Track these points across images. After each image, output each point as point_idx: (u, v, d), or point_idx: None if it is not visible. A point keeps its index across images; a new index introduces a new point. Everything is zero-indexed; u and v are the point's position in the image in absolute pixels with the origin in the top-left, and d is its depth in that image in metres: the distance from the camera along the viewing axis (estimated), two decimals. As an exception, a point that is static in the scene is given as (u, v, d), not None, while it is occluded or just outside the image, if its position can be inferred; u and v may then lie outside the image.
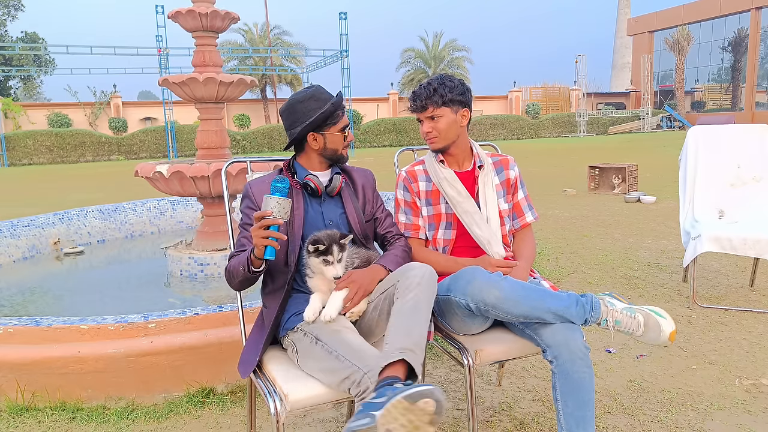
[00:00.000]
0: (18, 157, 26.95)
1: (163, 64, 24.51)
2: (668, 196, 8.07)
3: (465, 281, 1.81)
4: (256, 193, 1.90)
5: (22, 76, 38.01)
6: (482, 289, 1.75)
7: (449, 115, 2.08)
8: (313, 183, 1.90)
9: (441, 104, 2.06)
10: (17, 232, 5.12)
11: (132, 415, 2.37)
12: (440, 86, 2.06)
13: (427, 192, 2.17)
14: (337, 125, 1.93)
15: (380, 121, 33.21)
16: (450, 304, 1.87)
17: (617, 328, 1.80)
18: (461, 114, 2.11)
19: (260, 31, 37.00)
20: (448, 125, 2.09)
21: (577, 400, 1.73)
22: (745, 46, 39.19)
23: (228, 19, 4.29)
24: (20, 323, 2.46)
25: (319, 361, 1.67)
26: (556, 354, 1.74)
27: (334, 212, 1.95)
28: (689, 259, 3.46)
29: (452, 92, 2.06)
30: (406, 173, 2.20)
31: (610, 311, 1.80)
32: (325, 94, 1.93)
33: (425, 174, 2.18)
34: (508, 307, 1.74)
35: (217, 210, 4.43)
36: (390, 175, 2.45)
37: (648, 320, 1.79)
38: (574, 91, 41.22)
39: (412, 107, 2.15)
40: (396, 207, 2.21)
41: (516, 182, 2.23)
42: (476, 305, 1.77)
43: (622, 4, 55.47)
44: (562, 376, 1.73)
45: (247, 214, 1.89)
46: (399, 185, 2.20)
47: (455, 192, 2.11)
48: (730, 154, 3.84)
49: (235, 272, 1.79)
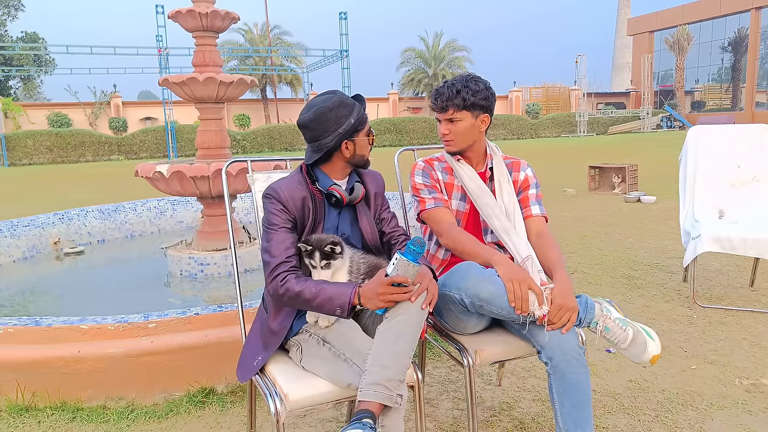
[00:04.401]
0: (18, 157, 26.93)
1: (163, 64, 24.51)
2: (668, 196, 8.07)
3: (459, 276, 1.80)
4: (290, 198, 1.77)
5: (22, 76, 38.00)
6: (476, 284, 1.75)
7: (468, 120, 2.02)
8: (338, 193, 1.81)
9: (462, 108, 2.00)
10: (17, 232, 5.12)
11: (132, 415, 2.37)
12: (464, 89, 1.99)
13: (444, 183, 2.13)
14: (365, 129, 1.86)
15: (380, 121, 33.18)
16: (446, 301, 1.86)
17: (605, 334, 1.81)
18: (481, 119, 2.04)
19: (260, 31, 36.99)
20: (465, 130, 2.03)
21: (574, 400, 1.73)
22: (745, 46, 39.18)
23: (228, 19, 4.29)
24: (20, 323, 2.46)
25: (326, 362, 1.68)
26: (551, 355, 1.74)
27: (349, 224, 1.90)
28: (689, 259, 3.46)
29: (475, 96, 1.99)
30: (424, 162, 2.16)
31: (604, 316, 1.81)
32: (348, 99, 1.84)
33: (444, 168, 2.15)
34: (502, 302, 1.73)
35: (217, 210, 4.43)
36: (390, 175, 2.44)
37: (637, 337, 1.79)
38: (574, 91, 41.21)
39: (432, 105, 2.09)
40: (415, 191, 2.12)
41: (527, 181, 2.17)
42: (470, 300, 1.76)
43: (622, 4, 55.47)
44: (557, 376, 1.74)
45: (278, 216, 1.76)
46: (416, 172, 2.14)
47: (475, 185, 2.07)
48: (730, 154, 3.83)
49: (317, 304, 1.65)
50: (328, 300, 1.63)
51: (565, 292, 1.77)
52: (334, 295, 1.63)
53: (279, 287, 1.68)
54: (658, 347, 1.80)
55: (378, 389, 1.53)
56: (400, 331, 1.60)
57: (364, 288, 1.63)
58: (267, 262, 1.73)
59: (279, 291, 1.68)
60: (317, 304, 1.65)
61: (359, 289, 1.64)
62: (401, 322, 1.61)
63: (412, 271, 1.59)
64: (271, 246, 1.73)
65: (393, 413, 1.57)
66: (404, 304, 1.62)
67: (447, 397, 2.49)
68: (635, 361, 1.82)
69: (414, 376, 1.72)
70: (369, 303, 1.61)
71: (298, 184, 1.82)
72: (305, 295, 1.65)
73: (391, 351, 1.58)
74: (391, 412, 1.56)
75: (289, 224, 1.76)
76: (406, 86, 39.90)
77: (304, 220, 1.80)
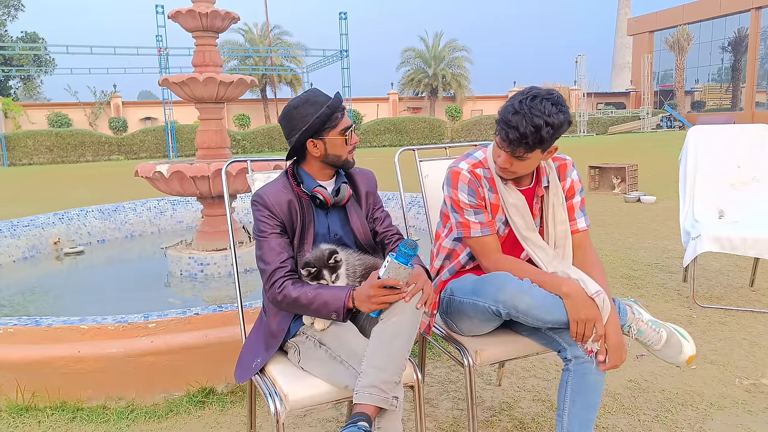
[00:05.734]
0: (18, 157, 26.94)
1: (163, 64, 24.52)
2: (668, 196, 8.07)
3: (495, 288, 1.75)
4: (275, 202, 1.76)
5: (22, 76, 37.99)
6: (515, 296, 1.71)
7: (537, 156, 1.79)
8: (321, 196, 1.78)
9: (534, 148, 1.75)
10: (17, 232, 5.12)
11: (132, 415, 2.37)
12: (545, 126, 1.69)
13: (491, 203, 1.93)
14: (337, 128, 1.78)
15: (380, 121, 33.20)
16: (476, 310, 1.82)
17: (638, 337, 1.79)
18: (549, 152, 1.82)
19: (260, 31, 36.99)
20: (531, 165, 1.83)
21: (586, 401, 1.72)
22: (745, 46, 39.20)
23: (228, 19, 4.29)
24: (20, 323, 2.46)
25: (322, 364, 1.68)
26: (577, 353, 1.72)
27: (340, 224, 1.87)
28: (689, 258, 3.46)
29: (554, 137, 1.73)
30: (470, 174, 1.90)
31: (636, 319, 1.78)
32: (321, 96, 1.79)
33: (489, 182, 1.92)
34: (540, 314, 1.70)
35: (217, 210, 4.43)
36: (390, 175, 2.44)
37: (671, 338, 1.78)
38: (574, 91, 41.18)
39: (502, 140, 1.77)
40: (457, 208, 1.91)
41: (573, 188, 1.98)
42: (507, 311, 1.72)
43: (622, 4, 55.49)
44: (578, 375, 1.72)
45: (266, 223, 1.75)
46: (460, 186, 1.89)
47: (522, 222, 1.89)
48: (730, 154, 3.83)
49: (314, 309, 1.66)
50: (324, 305, 1.65)
51: (617, 328, 1.71)
52: (330, 300, 1.64)
53: (277, 294, 1.70)
54: (693, 347, 1.78)
55: (373, 392, 1.52)
56: (396, 332, 1.59)
57: (357, 291, 1.64)
58: (263, 270, 1.74)
59: (277, 298, 1.70)
60: (314, 309, 1.67)
61: (353, 292, 1.64)
62: (396, 323, 1.60)
63: (403, 274, 1.59)
64: (264, 254, 1.74)
65: (390, 415, 1.56)
66: (399, 304, 1.61)
67: (447, 397, 2.49)
68: (670, 362, 1.81)
69: (414, 376, 1.72)
70: (362, 306, 1.62)
71: (283, 187, 1.81)
72: (302, 301, 1.67)
73: (386, 352, 1.57)
74: (387, 414, 1.56)
75: (278, 229, 1.76)
76: (406, 86, 39.90)
77: (292, 223, 1.78)
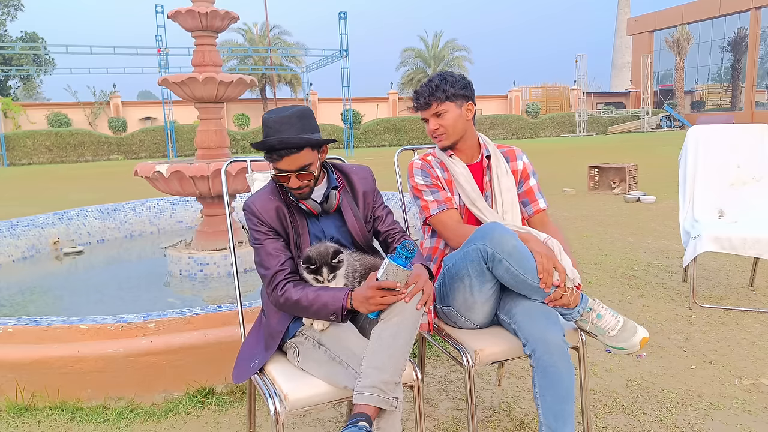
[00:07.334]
0: (18, 157, 26.94)
1: (163, 63, 24.49)
2: (668, 196, 8.07)
3: (482, 233, 1.84)
4: (262, 210, 1.77)
5: (22, 75, 37.98)
6: (502, 236, 1.80)
7: (454, 110, 2.08)
8: (306, 207, 1.80)
9: (444, 99, 2.06)
10: (17, 232, 5.12)
11: (132, 414, 2.37)
12: (442, 82, 2.06)
13: (444, 179, 2.15)
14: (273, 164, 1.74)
15: (380, 121, 33.20)
16: (457, 270, 1.88)
17: (596, 321, 1.86)
18: (466, 108, 2.10)
19: (260, 30, 36.96)
20: (454, 120, 2.08)
21: (555, 394, 1.73)
22: (744, 46, 39.19)
23: (228, 19, 4.29)
24: (20, 323, 2.46)
25: (322, 365, 1.67)
26: (534, 348, 1.76)
27: (335, 226, 1.87)
28: (689, 258, 3.46)
29: (454, 87, 2.06)
30: (421, 160, 2.17)
31: (598, 304, 1.89)
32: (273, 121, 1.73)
33: (440, 164, 2.17)
34: (519, 259, 1.77)
35: (217, 210, 4.43)
36: (390, 175, 2.44)
37: (627, 323, 1.86)
38: (573, 91, 41.21)
39: (415, 106, 2.14)
40: (417, 192, 2.13)
41: (525, 171, 2.21)
42: (492, 251, 1.78)
43: (622, 4, 55.45)
44: (539, 370, 1.75)
45: (258, 230, 1.77)
46: (415, 172, 2.14)
47: (470, 187, 2.11)
48: (730, 154, 3.83)
49: (314, 310, 1.68)
50: (323, 306, 1.66)
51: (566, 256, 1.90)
52: (329, 301, 1.66)
53: (279, 297, 1.72)
54: (647, 332, 1.87)
55: (373, 392, 1.52)
56: (396, 333, 1.60)
57: (356, 292, 1.64)
58: (263, 275, 1.76)
59: (279, 301, 1.72)
60: (314, 311, 1.68)
61: (352, 293, 1.65)
62: (396, 323, 1.60)
63: (401, 276, 1.59)
64: (262, 260, 1.77)
65: (389, 415, 1.56)
66: (399, 305, 1.61)
67: (447, 397, 2.49)
68: (622, 347, 1.85)
69: (413, 376, 1.72)
70: (360, 307, 1.63)
71: (270, 194, 1.81)
72: (303, 303, 1.69)
73: (386, 353, 1.57)
74: (387, 415, 1.56)
75: (271, 234, 1.78)
76: (405, 86, 39.86)
77: (283, 228, 1.79)
